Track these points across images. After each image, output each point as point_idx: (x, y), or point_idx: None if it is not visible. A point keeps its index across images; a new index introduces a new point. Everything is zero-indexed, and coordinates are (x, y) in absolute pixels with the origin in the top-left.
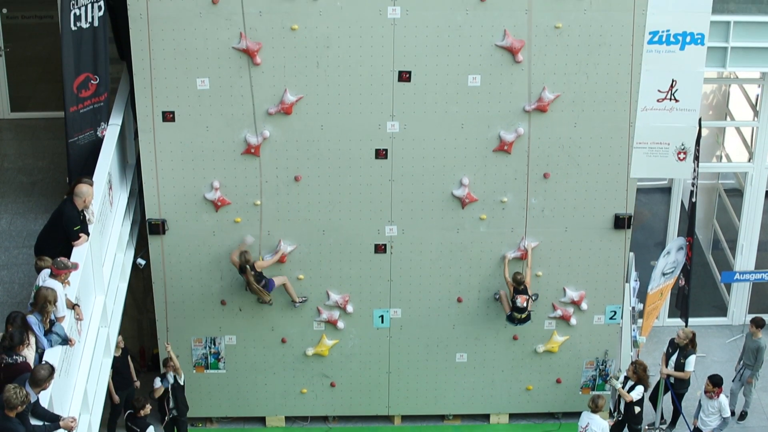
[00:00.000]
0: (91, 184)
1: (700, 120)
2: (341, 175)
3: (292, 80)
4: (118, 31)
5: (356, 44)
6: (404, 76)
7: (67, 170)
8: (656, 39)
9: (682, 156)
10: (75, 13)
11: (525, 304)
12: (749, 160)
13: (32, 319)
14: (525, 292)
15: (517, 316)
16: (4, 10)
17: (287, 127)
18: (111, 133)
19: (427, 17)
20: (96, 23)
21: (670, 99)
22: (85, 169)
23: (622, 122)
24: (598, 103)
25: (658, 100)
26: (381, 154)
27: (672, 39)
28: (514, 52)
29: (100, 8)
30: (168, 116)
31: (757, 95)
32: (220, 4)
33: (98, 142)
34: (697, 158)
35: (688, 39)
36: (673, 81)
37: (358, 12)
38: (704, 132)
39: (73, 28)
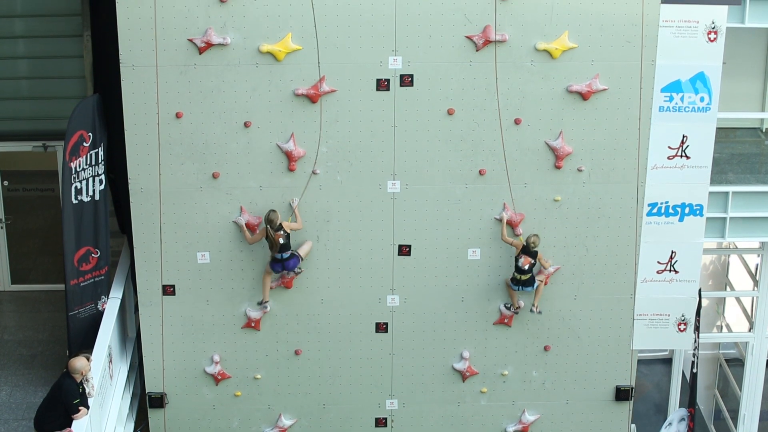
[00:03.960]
0: (88, 358)
1: (700, 291)
2: (341, 349)
3: None
4: (119, 205)
5: (356, 218)
6: (404, 250)
7: (68, 343)
8: (655, 211)
9: (682, 327)
10: (76, 187)
11: (527, 267)
12: (750, 330)
13: None
14: (533, 255)
15: (518, 276)
16: (5, 183)
17: (287, 300)
18: (111, 306)
19: (427, 191)
20: (97, 197)
21: (670, 270)
22: (86, 342)
23: (622, 294)
24: (598, 275)
25: (657, 272)
26: (381, 327)
27: (671, 210)
28: (513, 226)
29: (101, 182)
30: (168, 290)
31: (757, 265)
32: (221, 179)
33: (99, 316)
34: (697, 329)
35: (687, 210)
36: (672, 252)
37: (358, 186)
38: (704, 302)
39: (74, 201)
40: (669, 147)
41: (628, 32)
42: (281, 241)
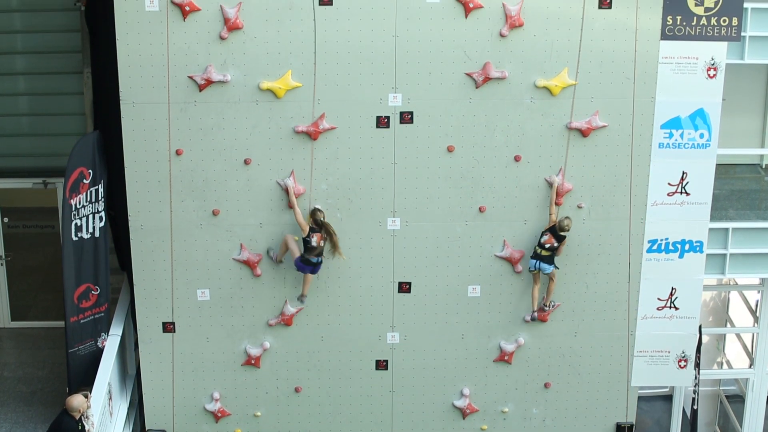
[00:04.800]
0: (86, 395)
1: (700, 327)
2: (342, 386)
3: (293, 291)
4: (119, 242)
5: (356, 255)
6: (404, 287)
7: (67, 380)
8: (655, 247)
9: (682, 364)
10: (76, 224)
11: (547, 246)
12: (750, 366)
13: None
14: (559, 239)
15: (538, 250)
16: (6, 219)
17: (287, 338)
18: (111, 343)
19: (427, 228)
20: (97, 234)
21: (670, 307)
22: (86, 379)
23: (622, 331)
24: (598, 312)
25: (657, 308)
26: (381, 365)
27: (671, 247)
28: (513, 263)
29: (101, 219)
30: (168, 327)
31: (757, 301)
32: (221, 216)
33: (98, 353)
34: (698, 365)
35: (687, 247)
36: (672, 289)
37: (358, 223)
38: (705, 339)
39: (74, 238)
40: (669, 183)
41: (627, 69)
42: (322, 243)
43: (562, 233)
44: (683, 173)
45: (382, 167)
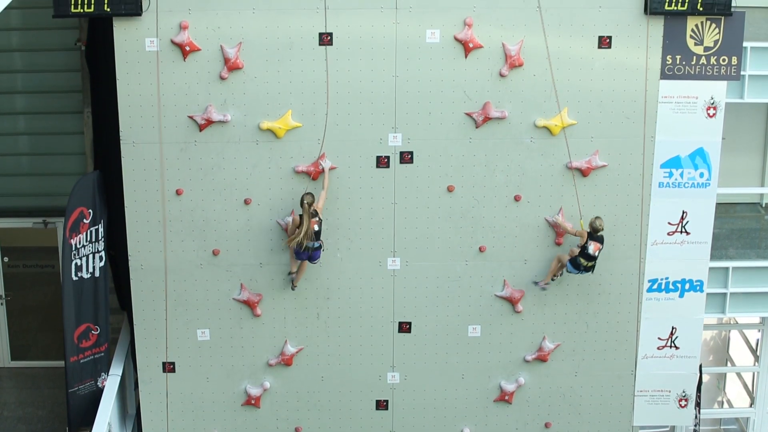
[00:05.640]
0: None
1: (700, 366)
2: (342, 426)
3: (293, 331)
4: (119, 282)
5: (356, 295)
6: (404, 327)
7: (67, 420)
8: (655, 287)
9: (683, 403)
10: (76, 263)
11: (597, 253)
12: (751, 405)
13: None
14: (601, 240)
15: (584, 262)
16: (6, 259)
17: (287, 378)
18: (111, 383)
19: (427, 268)
20: (97, 273)
21: (671, 346)
22: (86, 419)
23: (623, 370)
24: (599, 351)
25: (658, 348)
26: (382, 405)
27: (671, 287)
28: (513, 302)
29: (101, 258)
30: (168, 367)
31: (758, 340)
32: (221, 256)
33: (98, 393)
34: (698, 405)
35: (687, 286)
36: (673, 328)
37: (358, 263)
38: (705, 378)
39: (74, 278)
40: (669, 223)
41: (627, 108)
42: (315, 227)
43: (600, 234)
44: (683, 212)
45: (382, 207)
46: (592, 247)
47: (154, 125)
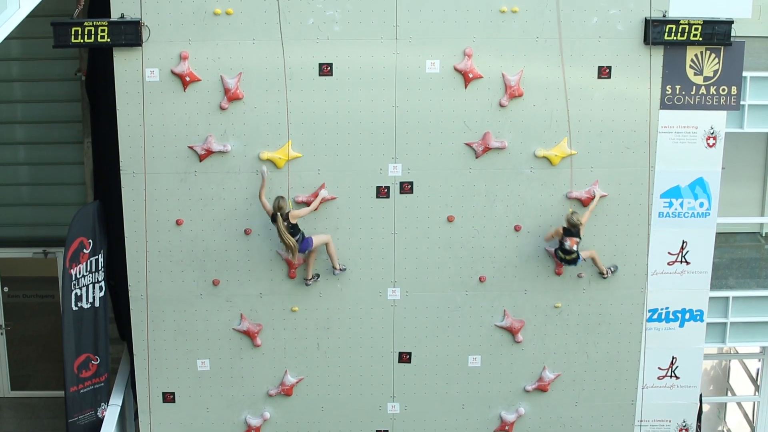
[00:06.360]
0: None
1: (701, 396)
2: None
3: (293, 361)
4: (119, 312)
5: (356, 325)
6: (404, 357)
7: None
8: (656, 317)
9: None
10: (76, 293)
11: (574, 247)
12: None
13: None
14: (576, 234)
15: (562, 256)
16: (6, 289)
17: (288, 408)
18: (111, 413)
19: (427, 298)
20: (97, 303)
21: (671, 376)
22: None
23: (623, 400)
24: (599, 381)
25: (658, 378)
26: None
27: (671, 316)
28: (514, 332)
29: (101, 288)
30: (168, 397)
31: (758, 369)
32: (221, 286)
33: (98, 423)
34: None
35: (687, 316)
36: (673, 358)
37: (358, 293)
38: (705, 408)
39: (74, 308)
40: (669, 252)
41: (627, 138)
42: (282, 228)
43: (576, 228)
44: (683, 242)
45: (382, 237)
46: (569, 242)
47: (154, 155)
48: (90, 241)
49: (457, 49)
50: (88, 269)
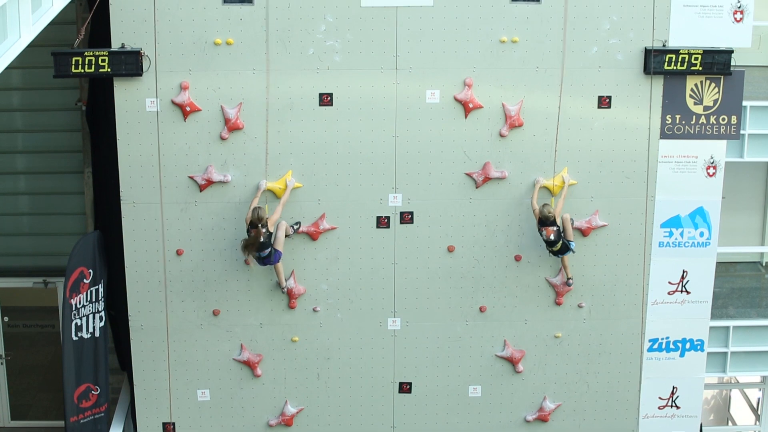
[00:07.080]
0: None
1: (701, 426)
2: None
3: (293, 392)
4: (119, 342)
5: (356, 356)
6: (405, 388)
7: None
8: (656, 346)
9: None
10: (76, 323)
11: (552, 237)
12: None
13: None
14: (552, 224)
15: (548, 248)
16: (6, 318)
17: None
18: None
19: (427, 328)
20: (97, 333)
21: (672, 406)
22: None
23: (624, 430)
24: (600, 411)
25: (659, 407)
26: None
27: (672, 346)
28: (514, 362)
29: (101, 319)
30: (168, 427)
31: (758, 399)
32: (221, 316)
33: None
34: None
35: (687, 346)
36: (673, 388)
37: (359, 323)
38: None
39: (74, 338)
40: (669, 282)
41: (627, 168)
42: (261, 239)
43: (552, 219)
44: (683, 272)
45: (382, 267)
46: (545, 233)
47: (154, 185)
48: (90, 270)
49: (457, 79)
50: (89, 299)
